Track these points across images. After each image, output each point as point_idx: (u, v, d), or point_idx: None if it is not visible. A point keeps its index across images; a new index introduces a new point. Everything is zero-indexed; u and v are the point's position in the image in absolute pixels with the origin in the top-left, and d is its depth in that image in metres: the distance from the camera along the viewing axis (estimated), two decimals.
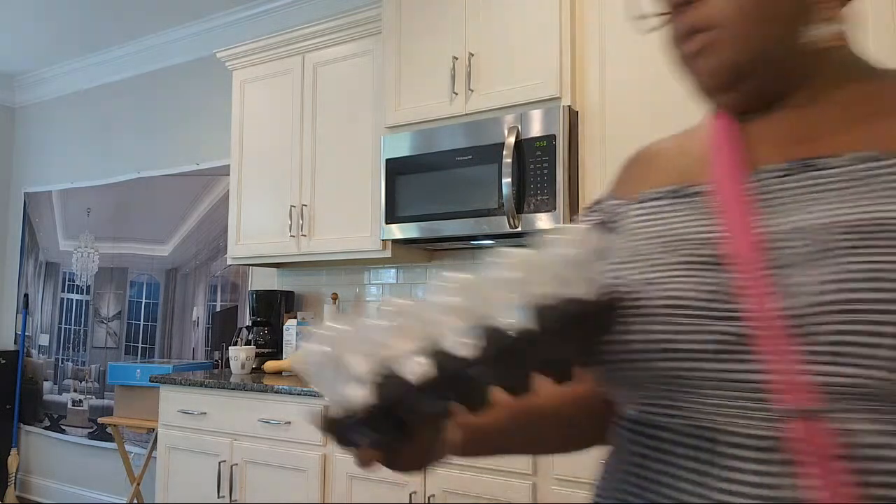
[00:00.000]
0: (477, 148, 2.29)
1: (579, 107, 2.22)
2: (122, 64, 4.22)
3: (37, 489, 4.38)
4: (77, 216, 4.37)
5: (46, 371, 4.40)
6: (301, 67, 2.93)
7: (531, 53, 2.25)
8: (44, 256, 4.55)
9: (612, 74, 2.17)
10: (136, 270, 4.00)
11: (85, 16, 3.74)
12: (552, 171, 2.14)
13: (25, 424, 4.47)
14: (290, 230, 2.87)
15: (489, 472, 1.99)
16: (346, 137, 2.77)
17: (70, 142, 4.52)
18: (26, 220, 4.69)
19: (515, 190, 2.19)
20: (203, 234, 3.70)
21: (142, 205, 4.02)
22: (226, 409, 2.61)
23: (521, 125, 2.21)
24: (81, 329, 4.25)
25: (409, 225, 2.43)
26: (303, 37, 2.90)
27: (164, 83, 4.05)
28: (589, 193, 2.17)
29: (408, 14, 2.54)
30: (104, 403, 4.05)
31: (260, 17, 3.59)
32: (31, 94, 4.76)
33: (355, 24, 2.75)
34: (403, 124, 2.51)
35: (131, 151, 4.14)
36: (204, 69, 3.85)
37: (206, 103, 3.82)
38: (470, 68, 2.37)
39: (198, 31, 3.81)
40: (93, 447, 4.08)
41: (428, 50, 2.48)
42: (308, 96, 2.90)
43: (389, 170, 2.49)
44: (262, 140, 3.03)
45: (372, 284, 3.07)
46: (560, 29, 2.20)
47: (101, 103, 4.37)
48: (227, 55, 3.14)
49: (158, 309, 3.87)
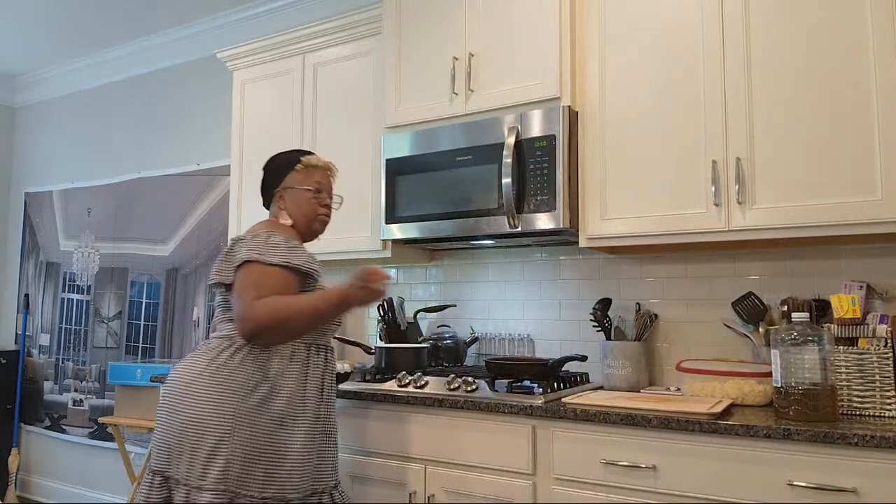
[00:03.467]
0: (477, 148, 2.30)
1: (579, 107, 2.22)
2: (122, 64, 4.22)
3: (37, 489, 4.38)
4: (77, 216, 4.37)
5: (47, 371, 4.40)
6: (301, 67, 2.93)
7: (531, 53, 2.25)
8: (44, 256, 4.55)
9: (612, 74, 2.17)
10: (137, 270, 4.01)
11: (85, 16, 3.74)
12: (552, 171, 2.14)
13: (26, 424, 4.47)
14: None
15: (489, 472, 1.99)
16: (346, 137, 2.77)
17: (70, 142, 4.53)
18: (27, 220, 4.69)
19: (515, 190, 2.19)
20: (203, 234, 3.70)
21: (142, 205, 4.02)
22: None
23: (521, 125, 2.21)
24: (82, 329, 4.25)
25: (409, 225, 2.43)
26: (303, 37, 2.90)
27: (164, 83, 4.05)
28: (589, 193, 2.17)
29: (408, 14, 2.54)
30: (105, 403, 4.05)
31: (260, 17, 3.59)
32: (31, 94, 4.76)
33: (355, 24, 2.75)
34: (403, 124, 2.51)
35: (131, 151, 4.14)
36: (204, 69, 3.85)
37: (206, 103, 3.82)
38: (470, 68, 2.37)
39: (198, 31, 3.81)
40: (93, 447, 4.08)
41: (428, 50, 2.48)
42: (308, 96, 2.90)
43: (389, 170, 2.49)
44: (262, 140, 3.03)
45: None
46: (560, 29, 2.20)
47: (101, 103, 4.37)
48: (227, 55, 3.14)
49: (159, 309, 3.87)
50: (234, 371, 1.67)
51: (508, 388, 2.05)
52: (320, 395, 1.79)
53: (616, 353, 2.25)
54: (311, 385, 1.76)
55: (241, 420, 1.63)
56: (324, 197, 1.93)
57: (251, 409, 1.64)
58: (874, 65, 1.78)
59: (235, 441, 1.61)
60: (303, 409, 1.72)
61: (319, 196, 1.91)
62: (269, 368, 1.69)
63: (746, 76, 1.95)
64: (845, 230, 1.80)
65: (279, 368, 1.71)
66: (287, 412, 1.68)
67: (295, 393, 1.71)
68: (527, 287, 2.66)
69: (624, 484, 1.78)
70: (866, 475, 1.51)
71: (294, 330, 1.65)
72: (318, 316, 1.65)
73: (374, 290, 1.65)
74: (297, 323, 1.63)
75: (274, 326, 1.61)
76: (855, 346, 1.81)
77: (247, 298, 1.63)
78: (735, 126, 1.96)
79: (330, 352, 1.88)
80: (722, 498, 1.65)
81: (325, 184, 1.95)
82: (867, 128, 1.78)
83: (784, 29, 1.92)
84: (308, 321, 1.64)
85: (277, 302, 1.62)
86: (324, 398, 1.80)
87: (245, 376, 1.67)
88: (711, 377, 2.00)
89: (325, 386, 1.82)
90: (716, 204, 1.96)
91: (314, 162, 1.93)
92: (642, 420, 1.76)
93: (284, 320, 1.61)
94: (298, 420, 1.71)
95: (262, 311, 1.61)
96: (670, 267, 2.37)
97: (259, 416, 1.64)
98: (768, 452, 1.61)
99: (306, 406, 1.73)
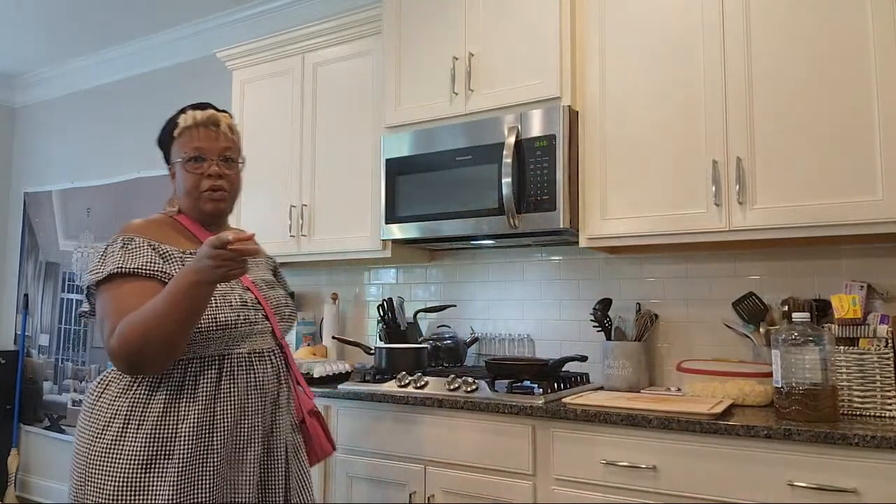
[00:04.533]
0: (477, 148, 2.29)
1: (579, 107, 2.22)
2: (122, 64, 4.22)
3: (37, 489, 4.38)
4: (77, 216, 4.37)
5: (46, 371, 4.40)
6: (301, 67, 2.93)
7: (531, 53, 2.25)
8: (44, 256, 4.55)
9: (612, 74, 2.17)
10: None
11: (85, 16, 3.74)
12: (552, 171, 2.14)
13: (25, 424, 4.46)
14: (290, 230, 2.87)
15: (489, 472, 1.99)
16: (346, 137, 2.77)
17: (70, 142, 4.52)
18: (26, 220, 4.69)
19: (515, 190, 2.18)
20: None
21: (142, 205, 4.01)
22: None
23: (521, 125, 2.21)
24: (81, 329, 4.25)
25: (409, 225, 2.43)
26: (303, 37, 2.89)
27: (164, 83, 4.05)
28: (589, 193, 2.17)
29: (408, 14, 2.54)
30: None
31: (260, 17, 3.58)
32: (31, 94, 4.76)
33: (355, 24, 2.75)
34: (403, 124, 2.51)
35: (131, 151, 4.14)
36: (204, 69, 3.85)
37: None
38: (470, 68, 2.36)
39: (198, 31, 3.81)
40: None
41: (428, 50, 2.48)
42: (308, 96, 2.90)
43: (389, 170, 2.49)
44: (261, 140, 3.03)
45: (372, 284, 3.07)
46: (560, 29, 2.20)
47: (101, 103, 4.37)
48: (227, 55, 3.14)
49: None
50: (92, 407, 1.37)
51: (508, 388, 2.05)
52: (237, 424, 1.37)
53: (616, 354, 2.25)
54: (201, 412, 1.33)
55: (93, 463, 1.30)
56: (206, 166, 1.45)
57: (103, 450, 1.30)
58: (874, 65, 1.78)
59: (88, 489, 1.29)
60: (189, 446, 1.30)
61: (199, 165, 1.46)
62: (126, 398, 1.34)
63: (747, 76, 1.95)
64: (845, 230, 1.80)
65: (139, 396, 1.33)
66: (152, 451, 1.29)
67: (165, 426, 1.31)
68: (527, 287, 2.66)
69: (624, 484, 1.78)
70: (867, 475, 1.50)
71: (161, 346, 1.23)
72: (169, 320, 1.22)
73: (229, 263, 1.19)
74: (156, 337, 1.22)
75: (136, 354, 1.24)
76: (856, 346, 1.81)
77: (104, 336, 1.31)
78: (735, 126, 1.96)
79: (249, 360, 1.42)
80: (722, 498, 1.65)
81: (209, 147, 1.46)
82: (867, 128, 1.78)
83: (784, 29, 1.91)
84: (165, 329, 1.22)
85: (124, 328, 1.25)
86: (246, 426, 1.38)
87: (102, 412, 1.35)
88: (712, 377, 2.00)
89: (249, 408, 1.39)
90: (716, 204, 1.96)
91: (188, 121, 1.47)
92: (642, 420, 1.75)
93: (139, 344, 1.23)
94: (174, 460, 1.29)
95: (116, 346, 1.25)
96: (670, 267, 2.37)
97: (113, 458, 1.29)
98: (768, 453, 1.61)
99: (193, 442, 1.31)
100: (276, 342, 1.50)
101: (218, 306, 1.36)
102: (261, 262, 1.64)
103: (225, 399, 1.36)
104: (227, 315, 1.37)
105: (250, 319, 1.42)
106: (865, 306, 1.94)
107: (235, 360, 1.39)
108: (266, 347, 1.46)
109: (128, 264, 1.33)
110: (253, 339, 1.44)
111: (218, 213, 1.50)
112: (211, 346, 1.37)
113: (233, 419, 1.36)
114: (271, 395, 1.45)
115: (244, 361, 1.41)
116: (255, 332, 1.43)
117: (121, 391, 1.35)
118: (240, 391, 1.38)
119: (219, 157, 1.47)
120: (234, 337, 1.39)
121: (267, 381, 1.44)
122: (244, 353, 1.41)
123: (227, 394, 1.36)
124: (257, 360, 1.43)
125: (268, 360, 1.45)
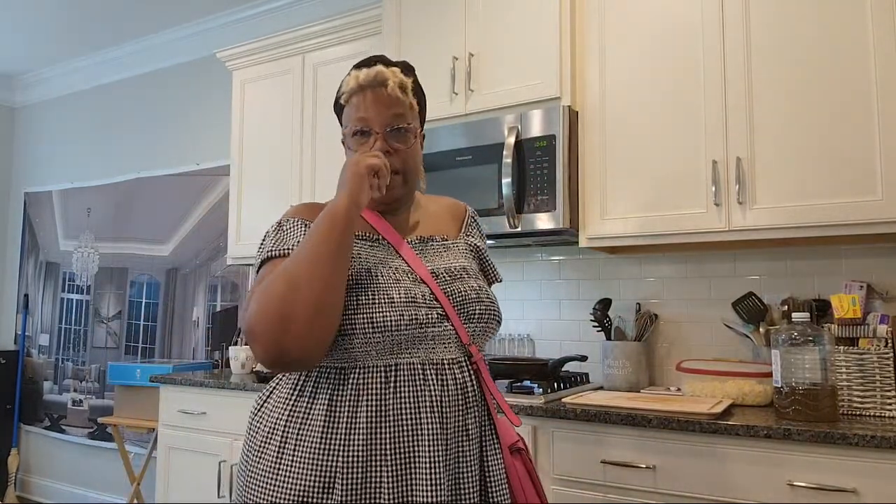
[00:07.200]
0: (477, 148, 2.29)
1: (579, 107, 2.22)
2: (122, 64, 4.22)
3: (37, 489, 4.38)
4: (77, 216, 4.37)
5: (46, 371, 4.40)
6: (301, 67, 2.93)
7: (531, 53, 2.25)
8: (44, 256, 4.55)
9: (612, 74, 2.17)
10: (137, 270, 4.00)
11: (85, 16, 3.74)
12: (552, 171, 2.14)
13: (25, 424, 4.47)
14: None
15: None
16: None
17: (70, 142, 4.52)
18: (26, 220, 4.69)
19: (515, 190, 2.18)
20: (203, 234, 3.70)
21: (142, 205, 4.01)
22: (226, 408, 2.61)
23: (521, 125, 2.21)
24: (81, 329, 4.25)
25: None
26: (303, 37, 2.90)
27: (164, 83, 4.05)
28: (589, 193, 2.17)
29: (408, 14, 2.54)
30: (104, 403, 4.05)
31: (260, 17, 3.59)
32: (31, 94, 4.76)
33: (355, 24, 2.75)
34: None
35: (131, 151, 4.14)
36: (204, 69, 3.85)
37: (206, 103, 3.82)
38: (470, 68, 2.37)
39: (198, 31, 3.81)
40: (93, 447, 4.07)
41: (428, 50, 2.48)
42: (308, 96, 2.90)
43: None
44: (262, 140, 3.03)
45: None
46: (560, 29, 2.20)
47: (101, 103, 4.37)
48: (227, 55, 3.14)
49: (158, 309, 3.87)
50: (252, 418, 1.17)
51: (508, 388, 2.05)
52: (408, 456, 1.03)
53: (616, 354, 2.25)
54: (364, 438, 1.03)
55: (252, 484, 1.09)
56: (372, 141, 1.15)
57: (262, 475, 1.07)
58: (874, 65, 1.78)
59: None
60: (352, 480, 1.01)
61: (364, 140, 1.16)
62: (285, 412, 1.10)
63: (747, 76, 1.95)
64: (845, 230, 1.80)
65: (298, 411, 1.09)
66: (310, 482, 1.02)
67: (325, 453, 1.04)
68: (527, 287, 2.66)
69: (624, 484, 1.78)
70: (866, 475, 1.50)
71: (308, 304, 0.96)
72: (314, 261, 0.98)
73: (363, 164, 1.06)
74: (302, 290, 0.97)
75: (277, 321, 0.96)
76: (855, 346, 1.81)
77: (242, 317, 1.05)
78: (735, 126, 1.96)
79: (423, 373, 1.07)
80: (722, 498, 1.65)
81: (374, 117, 1.14)
82: (867, 128, 1.78)
83: (784, 29, 1.91)
84: (310, 276, 0.97)
85: (261, 291, 1.00)
86: (420, 460, 1.03)
87: (260, 425, 1.13)
88: (711, 377, 2.00)
89: (424, 435, 1.04)
90: (716, 204, 1.96)
91: (351, 83, 1.15)
92: (642, 420, 1.75)
93: (280, 302, 0.96)
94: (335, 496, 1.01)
95: (252, 313, 0.98)
96: (670, 267, 2.37)
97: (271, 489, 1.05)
98: (768, 452, 1.61)
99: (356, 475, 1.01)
100: (464, 351, 1.13)
101: (375, 302, 1.05)
102: (454, 245, 1.25)
103: (392, 422, 1.03)
104: (386, 313, 1.04)
105: (419, 319, 1.07)
106: (865, 306, 1.94)
107: (405, 371, 1.06)
108: (449, 358, 1.10)
109: (279, 247, 1.10)
110: (428, 345, 1.09)
111: (386, 202, 1.18)
112: (372, 353, 1.06)
113: (402, 448, 1.03)
114: (454, 422, 1.07)
115: (416, 374, 1.07)
116: (429, 336, 1.08)
117: (281, 401, 1.11)
118: (409, 412, 1.04)
119: (386, 128, 1.14)
120: (400, 342, 1.06)
121: (447, 402, 1.07)
122: (416, 363, 1.07)
123: (395, 416, 1.04)
124: (434, 373, 1.08)
125: (448, 374, 1.09)
